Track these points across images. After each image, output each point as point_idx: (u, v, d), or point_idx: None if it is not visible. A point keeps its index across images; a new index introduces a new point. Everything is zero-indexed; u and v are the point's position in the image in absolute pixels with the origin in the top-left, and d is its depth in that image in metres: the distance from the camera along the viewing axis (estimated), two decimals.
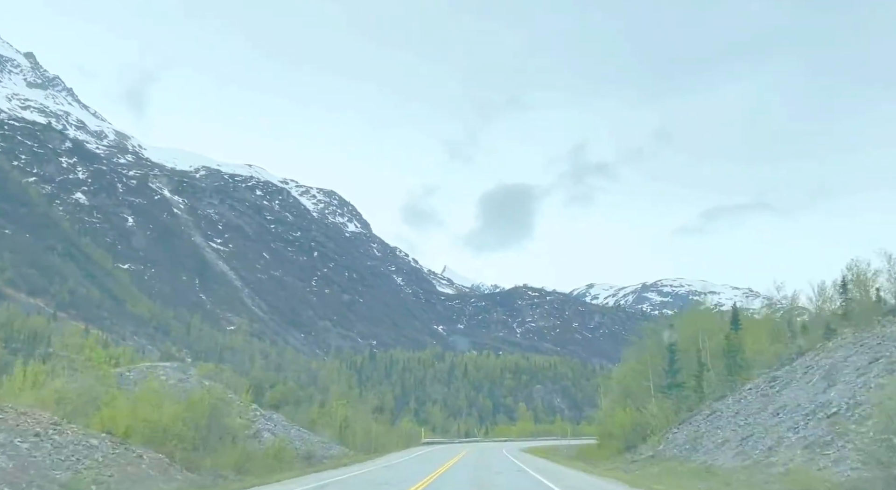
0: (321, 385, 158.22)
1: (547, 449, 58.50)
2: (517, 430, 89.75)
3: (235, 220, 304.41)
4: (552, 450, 56.35)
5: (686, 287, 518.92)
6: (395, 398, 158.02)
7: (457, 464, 34.64)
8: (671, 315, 79.71)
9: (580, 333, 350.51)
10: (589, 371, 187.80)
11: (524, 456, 46.61)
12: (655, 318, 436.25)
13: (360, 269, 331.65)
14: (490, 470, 29.27)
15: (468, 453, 48.11)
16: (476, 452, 50.39)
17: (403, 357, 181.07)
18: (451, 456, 43.57)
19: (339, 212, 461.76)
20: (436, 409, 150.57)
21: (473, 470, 29.50)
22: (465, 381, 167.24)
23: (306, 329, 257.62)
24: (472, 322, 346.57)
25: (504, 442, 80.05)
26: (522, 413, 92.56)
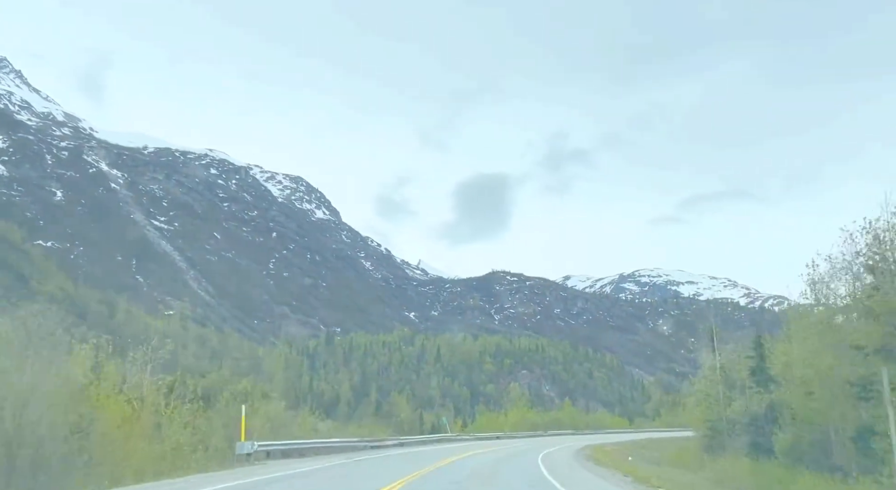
0: (265, 374, 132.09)
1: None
2: (511, 422, 64.63)
3: (183, 196, 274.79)
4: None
5: (664, 277, 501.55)
6: (352, 388, 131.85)
7: None
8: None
9: (562, 320, 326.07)
10: (581, 355, 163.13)
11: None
12: (640, 305, 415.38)
13: (323, 252, 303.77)
14: None
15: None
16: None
17: (365, 341, 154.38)
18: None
19: (306, 198, 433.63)
20: (402, 399, 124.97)
21: None
22: (438, 367, 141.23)
23: (260, 315, 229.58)
24: (447, 309, 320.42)
25: (506, 441, 55.38)
26: (515, 397, 67.58)
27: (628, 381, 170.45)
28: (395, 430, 56.68)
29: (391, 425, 60.46)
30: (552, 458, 29.33)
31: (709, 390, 31.07)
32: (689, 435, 51.85)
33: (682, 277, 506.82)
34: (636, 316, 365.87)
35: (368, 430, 45.27)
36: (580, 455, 31.97)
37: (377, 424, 56.71)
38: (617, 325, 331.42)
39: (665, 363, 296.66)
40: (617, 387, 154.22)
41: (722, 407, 26.91)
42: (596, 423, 74.79)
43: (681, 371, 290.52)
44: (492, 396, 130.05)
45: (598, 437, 63.04)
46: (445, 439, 51.24)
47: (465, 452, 33.12)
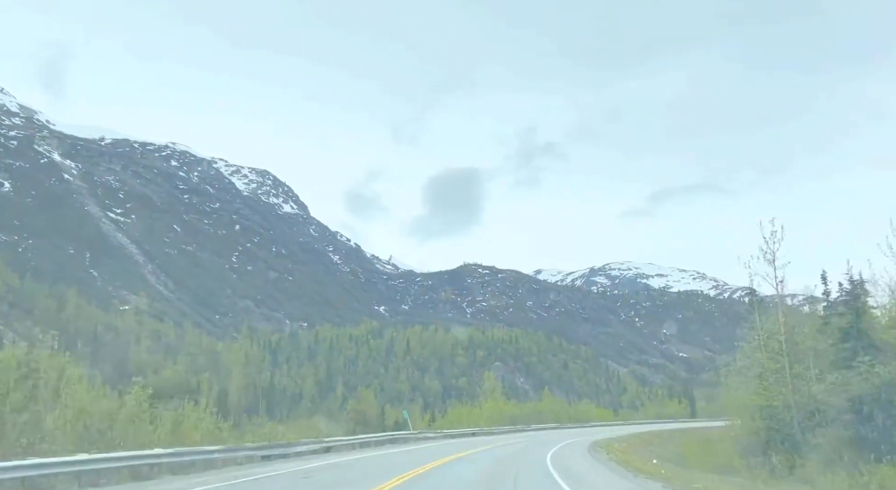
0: (223, 369, 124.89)
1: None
2: (487, 415, 57.41)
3: (141, 188, 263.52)
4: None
5: (634, 270, 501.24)
6: (317, 383, 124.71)
7: None
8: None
9: (535, 312, 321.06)
10: (555, 346, 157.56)
11: None
12: (612, 297, 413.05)
13: (290, 246, 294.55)
14: None
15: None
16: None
17: (331, 334, 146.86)
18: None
19: (272, 192, 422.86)
20: (369, 393, 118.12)
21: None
22: (408, 361, 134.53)
23: (223, 309, 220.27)
24: (418, 302, 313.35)
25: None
26: (490, 388, 60.87)
27: (603, 372, 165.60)
28: (347, 429, 49.75)
29: (348, 423, 53.40)
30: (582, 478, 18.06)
31: (768, 363, 23.79)
32: (697, 426, 46.46)
33: (651, 270, 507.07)
34: (608, 308, 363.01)
35: (267, 434, 30.82)
36: (612, 465, 22.52)
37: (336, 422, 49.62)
38: (589, 317, 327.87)
39: (637, 355, 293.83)
40: (593, 378, 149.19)
41: (788, 388, 19.99)
42: (580, 416, 68.52)
43: (654, 363, 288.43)
44: (464, 390, 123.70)
45: (590, 431, 57.00)
46: (401, 439, 38.94)
47: (418, 467, 20.36)
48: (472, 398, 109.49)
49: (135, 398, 21.33)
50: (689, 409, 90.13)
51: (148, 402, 22.20)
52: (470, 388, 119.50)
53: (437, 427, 55.38)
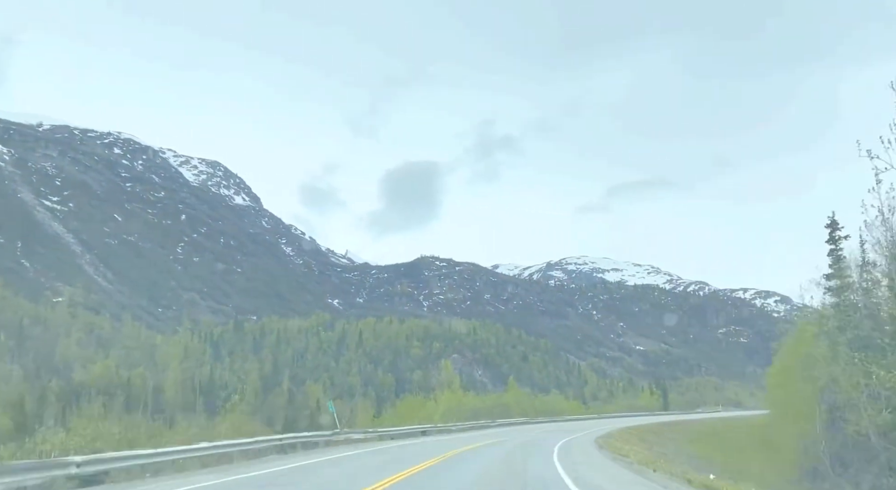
0: (160, 364, 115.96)
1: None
2: (443, 409, 49.63)
3: (80, 175, 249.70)
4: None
5: (590, 265, 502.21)
6: (262, 378, 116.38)
7: None
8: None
9: (493, 305, 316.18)
10: (514, 338, 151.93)
11: None
12: (570, 290, 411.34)
13: (239, 237, 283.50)
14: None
15: None
16: None
17: (279, 326, 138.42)
18: None
19: (223, 184, 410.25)
20: (317, 388, 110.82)
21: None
22: (360, 353, 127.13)
23: (166, 302, 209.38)
24: (374, 295, 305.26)
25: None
26: (447, 378, 54.17)
27: (564, 365, 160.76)
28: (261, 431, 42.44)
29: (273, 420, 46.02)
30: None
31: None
32: (686, 419, 40.84)
33: (607, 265, 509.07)
34: (566, 301, 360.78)
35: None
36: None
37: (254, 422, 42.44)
38: (547, 311, 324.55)
39: (595, 348, 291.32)
40: (553, 371, 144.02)
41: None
42: (549, 409, 61.95)
43: (611, 356, 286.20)
44: (420, 384, 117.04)
45: (570, 427, 50.75)
46: (308, 444, 26.33)
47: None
48: (427, 392, 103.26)
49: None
50: (662, 401, 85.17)
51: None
52: (425, 382, 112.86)
53: (381, 423, 46.98)
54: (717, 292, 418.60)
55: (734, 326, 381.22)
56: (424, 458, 20.21)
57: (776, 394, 35.09)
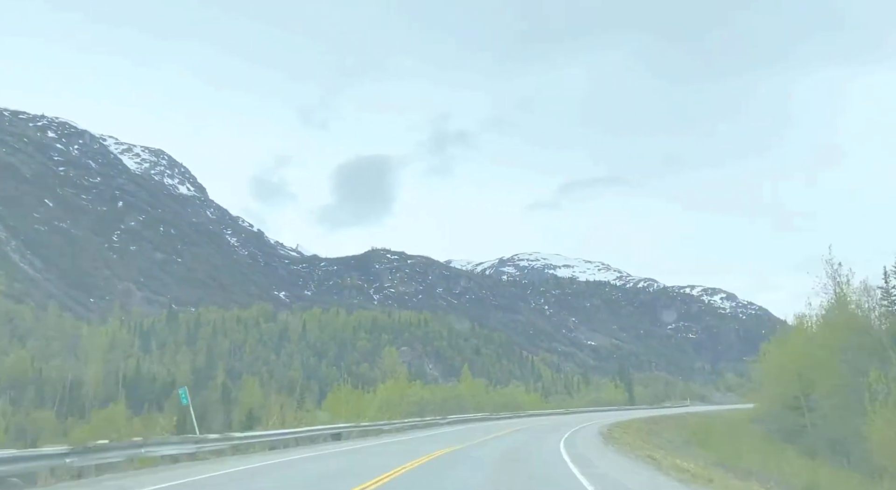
0: (83, 355, 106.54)
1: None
2: (380, 402, 41.94)
3: (6, 157, 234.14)
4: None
5: (542, 261, 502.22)
6: (194, 372, 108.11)
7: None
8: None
9: (445, 299, 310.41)
10: (467, 330, 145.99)
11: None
12: (523, 285, 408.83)
13: (180, 225, 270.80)
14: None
15: None
16: None
17: (216, 316, 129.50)
18: None
19: (167, 173, 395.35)
20: (254, 382, 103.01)
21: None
22: (303, 345, 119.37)
23: (99, 292, 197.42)
24: (322, 288, 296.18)
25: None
26: (391, 366, 47.19)
27: (517, 358, 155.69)
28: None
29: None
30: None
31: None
32: (670, 414, 35.33)
33: (558, 261, 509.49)
34: (518, 296, 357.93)
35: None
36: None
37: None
38: (500, 305, 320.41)
39: (547, 343, 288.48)
40: (507, 364, 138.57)
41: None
42: (509, 402, 55.17)
43: (562, 350, 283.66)
44: (366, 377, 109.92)
45: (543, 424, 43.95)
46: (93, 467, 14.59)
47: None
48: (373, 385, 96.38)
49: None
50: (628, 395, 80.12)
51: None
52: (372, 375, 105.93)
53: (299, 422, 35.59)
54: (666, 289, 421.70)
55: (683, 322, 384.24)
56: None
57: (774, 390, 30.60)
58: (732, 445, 22.90)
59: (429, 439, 28.79)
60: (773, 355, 34.59)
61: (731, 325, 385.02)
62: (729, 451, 22.05)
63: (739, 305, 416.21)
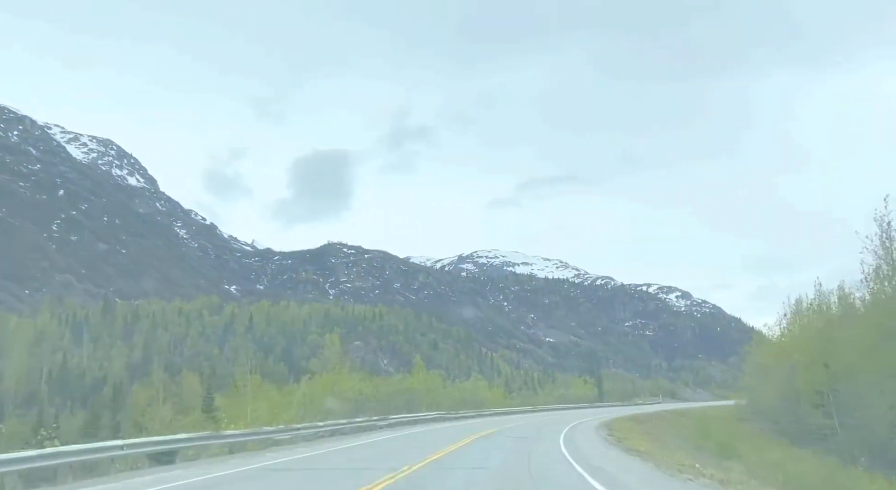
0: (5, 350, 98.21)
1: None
2: (303, 398, 34.71)
3: None
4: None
5: (500, 258, 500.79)
6: (129, 367, 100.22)
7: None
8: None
9: (402, 294, 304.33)
10: (425, 324, 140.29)
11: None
12: (482, 281, 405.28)
13: (126, 216, 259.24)
14: None
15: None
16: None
17: (155, 308, 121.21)
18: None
19: (116, 163, 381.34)
20: (194, 379, 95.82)
21: None
22: (250, 339, 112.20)
23: (35, 284, 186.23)
24: (275, 282, 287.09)
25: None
26: (333, 356, 40.60)
27: (477, 354, 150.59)
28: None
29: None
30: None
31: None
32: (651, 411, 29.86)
33: (517, 259, 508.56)
34: (477, 292, 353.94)
35: None
36: None
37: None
38: (459, 301, 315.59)
39: (506, 339, 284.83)
40: (465, 360, 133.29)
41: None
42: (471, 399, 48.52)
43: (521, 347, 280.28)
44: (316, 373, 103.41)
45: (521, 425, 36.76)
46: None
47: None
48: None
49: None
50: (597, 391, 75.41)
51: None
52: (321, 371, 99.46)
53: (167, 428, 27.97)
54: (623, 286, 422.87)
55: (640, 320, 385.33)
56: None
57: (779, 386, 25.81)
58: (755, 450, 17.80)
59: (324, 461, 19.52)
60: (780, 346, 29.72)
61: (686, 322, 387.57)
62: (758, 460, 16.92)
63: (694, 303, 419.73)
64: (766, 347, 35.38)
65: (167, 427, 26.63)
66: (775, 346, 31.65)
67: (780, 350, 29.87)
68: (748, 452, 18.99)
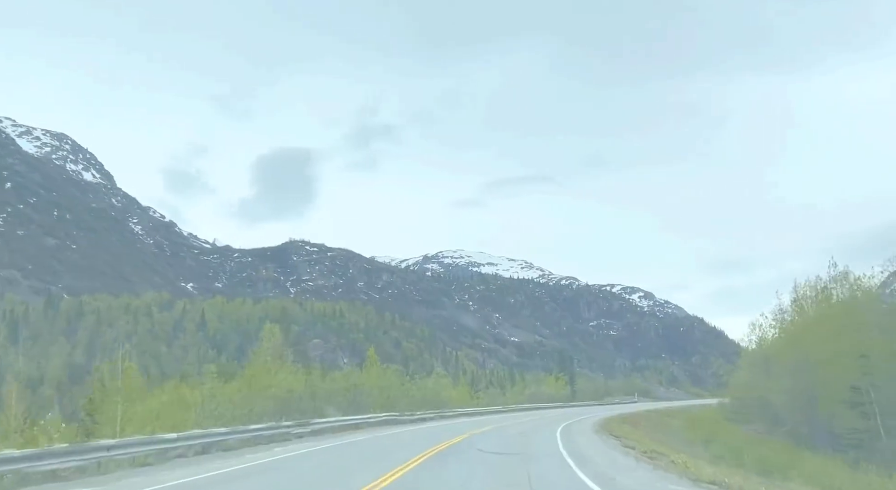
0: None
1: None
2: (206, 398, 28.00)
3: None
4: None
5: (465, 258, 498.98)
6: (69, 367, 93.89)
7: None
8: None
9: (366, 294, 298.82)
10: (387, 322, 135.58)
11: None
12: (447, 280, 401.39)
13: (77, 210, 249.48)
14: None
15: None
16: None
17: (101, 305, 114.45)
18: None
19: (71, 158, 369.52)
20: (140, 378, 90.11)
21: None
22: (202, 337, 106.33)
23: None
24: (234, 280, 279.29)
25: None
26: (271, 346, 35.93)
27: (440, 353, 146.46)
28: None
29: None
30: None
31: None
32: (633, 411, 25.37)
33: (483, 259, 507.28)
34: (442, 291, 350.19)
35: None
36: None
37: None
38: (423, 300, 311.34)
39: (471, 339, 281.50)
40: (429, 359, 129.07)
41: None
42: (432, 398, 44.03)
43: (486, 347, 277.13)
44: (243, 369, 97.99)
45: (496, 425, 31.25)
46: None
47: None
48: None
49: None
50: (570, 390, 71.68)
51: None
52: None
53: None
54: (588, 286, 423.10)
55: (605, 319, 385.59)
56: None
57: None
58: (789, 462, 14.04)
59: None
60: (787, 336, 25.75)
61: (650, 322, 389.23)
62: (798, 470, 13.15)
63: (657, 304, 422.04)
64: (768, 340, 31.68)
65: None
66: (780, 338, 27.87)
67: (788, 341, 25.94)
68: (778, 464, 15.05)
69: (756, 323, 35.96)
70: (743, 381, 37.40)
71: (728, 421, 31.72)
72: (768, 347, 29.42)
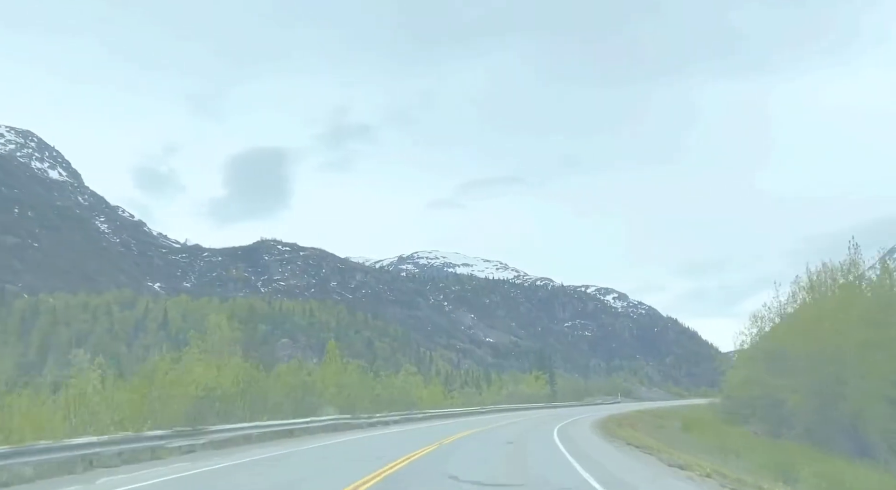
0: None
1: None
2: (71, 401, 24.02)
3: None
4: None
5: (441, 259, 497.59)
6: (21, 365, 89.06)
7: None
8: None
9: (339, 294, 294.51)
10: (360, 322, 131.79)
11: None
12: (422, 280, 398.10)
13: (40, 208, 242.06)
14: None
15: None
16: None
17: (59, 303, 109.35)
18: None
19: (36, 156, 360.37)
20: (98, 379, 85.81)
21: None
22: (163, 336, 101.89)
23: None
24: (204, 280, 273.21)
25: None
26: (220, 340, 32.63)
27: (415, 353, 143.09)
28: None
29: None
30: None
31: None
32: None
33: (458, 260, 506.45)
34: (417, 291, 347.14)
35: None
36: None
37: None
38: (398, 300, 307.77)
39: (445, 339, 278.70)
40: (402, 359, 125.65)
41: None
42: (400, 398, 40.58)
43: (461, 347, 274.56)
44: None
45: (474, 431, 26.65)
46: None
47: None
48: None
49: None
50: (550, 389, 68.74)
51: None
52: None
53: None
54: (563, 287, 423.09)
55: (579, 320, 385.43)
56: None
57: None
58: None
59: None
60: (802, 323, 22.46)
61: (624, 323, 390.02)
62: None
63: (630, 305, 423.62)
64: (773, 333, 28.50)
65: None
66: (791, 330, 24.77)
67: (802, 332, 22.76)
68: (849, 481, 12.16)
69: (758, 315, 33.30)
70: (741, 378, 34.37)
71: (724, 422, 28.92)
72: (774, 340, 26.47)
